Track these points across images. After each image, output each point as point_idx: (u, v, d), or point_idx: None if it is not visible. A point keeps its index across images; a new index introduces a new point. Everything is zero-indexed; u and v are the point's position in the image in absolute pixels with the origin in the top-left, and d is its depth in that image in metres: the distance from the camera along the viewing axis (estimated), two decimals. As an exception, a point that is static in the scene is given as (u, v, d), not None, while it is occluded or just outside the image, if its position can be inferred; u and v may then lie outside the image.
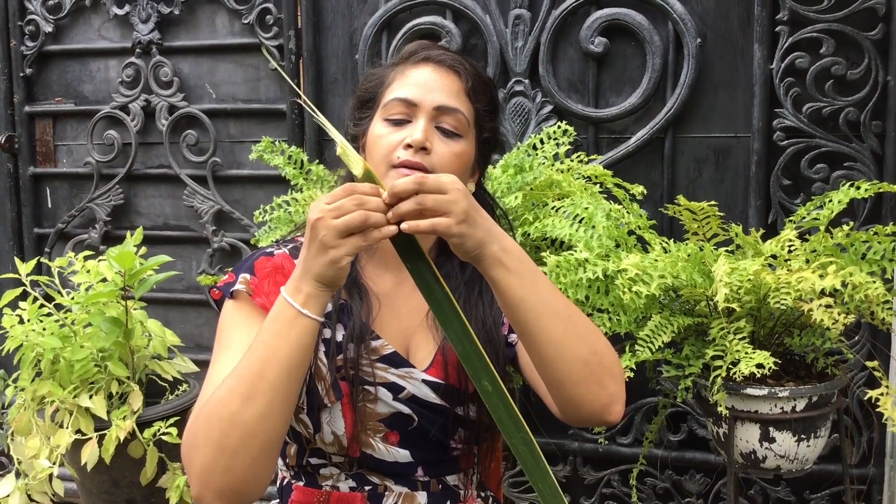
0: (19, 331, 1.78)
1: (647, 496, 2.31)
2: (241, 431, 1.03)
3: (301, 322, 1.04)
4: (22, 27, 2.70)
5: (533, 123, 2.28)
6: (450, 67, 1.24)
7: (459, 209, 1.01)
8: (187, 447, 1.07)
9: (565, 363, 1.11)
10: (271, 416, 1.04)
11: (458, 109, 1.22)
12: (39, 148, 2.79)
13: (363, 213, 0.98)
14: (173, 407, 1.85)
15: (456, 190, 1.01)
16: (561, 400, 1.16)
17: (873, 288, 1.52)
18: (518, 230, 1.88)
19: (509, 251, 1.07)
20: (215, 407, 1.05)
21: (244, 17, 2.50)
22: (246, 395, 1.03)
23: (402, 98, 1.21)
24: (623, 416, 2.25)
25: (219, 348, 1.19)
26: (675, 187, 2.22)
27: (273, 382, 1.04)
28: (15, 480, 1.80)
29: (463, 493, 1.30)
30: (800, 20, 2.06)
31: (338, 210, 0.99)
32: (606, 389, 1.14)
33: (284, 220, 2.08)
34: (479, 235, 1.04)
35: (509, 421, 1.00)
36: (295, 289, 1.04)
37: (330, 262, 1.00)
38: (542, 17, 2.24)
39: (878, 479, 2.13)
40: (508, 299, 1.08)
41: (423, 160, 1.18)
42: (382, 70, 1.29)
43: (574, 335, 1.11)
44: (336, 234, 0.99)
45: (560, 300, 1.12)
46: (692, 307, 1.79)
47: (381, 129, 1.22)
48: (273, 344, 1.04)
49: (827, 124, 2.08)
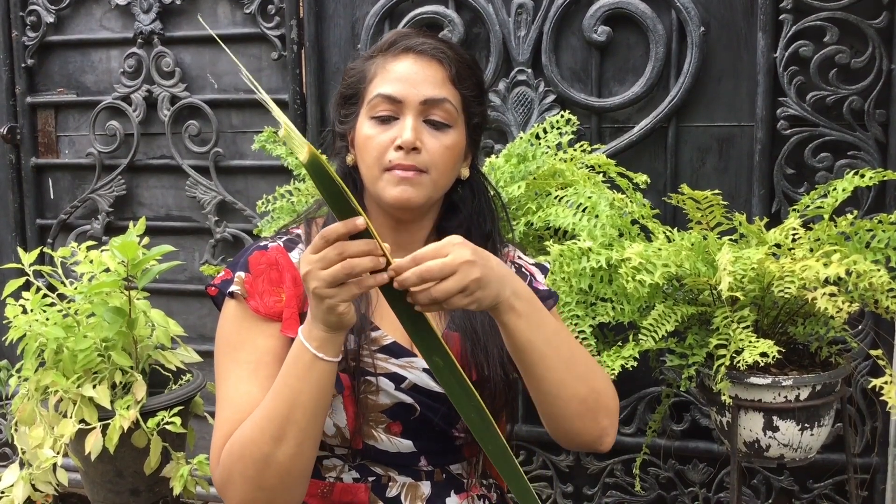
0: (23, 321, 1.78)
1: (650, 485, 2.31)
2: (277, 469, 1.09)
3: (318, 366, 1.06)
4: (23, 18, 2.69)
5: (536, 113, 2.27)
6: (432, 57, 1.21)
7: (470, 282, 1.02)
8: (223, 481, 1.12)
9: (563, 401, 1.16)
10: (302, 453, 1.10)
11: (446, 99, 1.20)
12: (41, 139, 2.79)
13: (347, 263, 0.98)
14: (177, 396, 1.85)
15: (463, 263, 1.01)
16: (555, 430, 1.22)
17: (877, 276, 1.52)
18: (521, 219, 1.87)
19: (520, 293, 1.09)
20: (248, 448, 1.09)
21: (246, 6, 2.49)
22: (276, 437, 1.08)
23: (387, 95, 1.19)
24: (626, 406, 2.28)
25: (226, 362, 1.20)
26: (678, 176, 2.21)
27: (301, 424, 1.08)
28: (19, 470, 1.80)
29: (466, 482, 1.30)
30: (804, 8, 2.05)
31: (322, 261, 0.99)
32: (599, 424, 1.19)
33: (287, 211, 2.08)
34: (493, 292, 1.06)
35: (461, 392, 1.04)
36: (309, 332, 1.06)
37: (328, 310, 1.01)
38: (545, 5, 2.23)
39: (882, 469, 2.13)
40: (516, 341, 1.11)
41: (414, 161, 1.18)
42: (362, 64, 1.26)
43: (574, 375, 1.15)
44: (326, 284, 0.99)
45: (563, 340, 1.15)
46: (696, 296, 1.78)
47: (368, 129, 1.20)
48: (296, 388, 1.07)
49: (831, 113, 2.07)
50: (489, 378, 1.23)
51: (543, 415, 1.20)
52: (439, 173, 1.21)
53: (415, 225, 1.27)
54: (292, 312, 1.20)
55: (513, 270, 1.33)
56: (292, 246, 1.27)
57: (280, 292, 1.21)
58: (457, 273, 1.01)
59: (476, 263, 1.03)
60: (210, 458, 1.17)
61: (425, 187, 1.20)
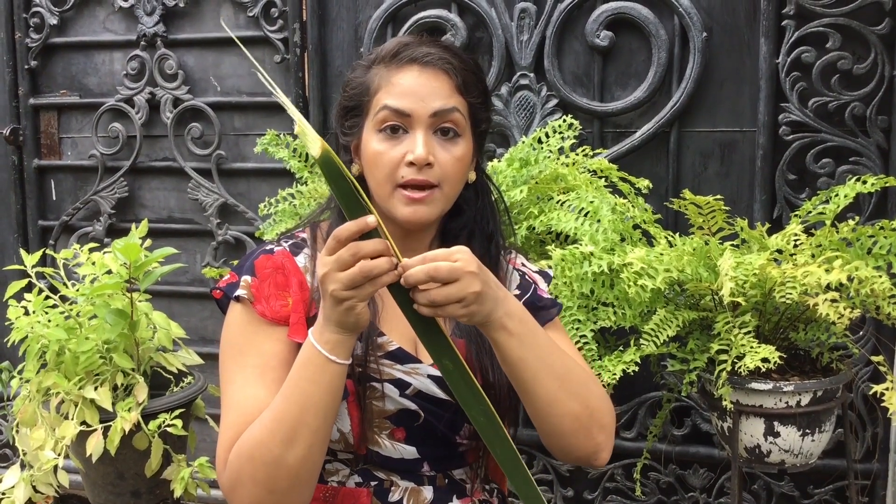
0: (24, 322, 1.78)
1: (651, 490, 2.31)
2: (287, 472, 1.09)
3: (331, 368, 1.07)
4: (27, 19, 2.69)
5: (538, 117, 2.27)
6: (438, 68, 1.20)
7: (470, 293, 1.02)
8: (232, 484, 1.12)
9: (557, 418, 1.16)
10: (312, 456, 1.11)
11: (455, 108, 1.20)
12: (44, 140, 2.79)
13: (365, 265, 0.99)
14: (178, 399, 1.85)
15: (468, 273, 1.02)
16: (550, 445, 1.22)
17: (879, 282, 1.52)
18: (523, 224, 1.88)
19: (512, 314, 1.10)
20: (258, 450, 1.09)
21: (249, 9, 2.50)
22: (287, 439, 1.08)
23: (395, 108, 1.18)
24: (627, 410, 2.28)
25: (232, 366, 1.20)
26: (680, 181, 2.22)
27: (312, 427, 1.09)
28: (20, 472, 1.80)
29: (469, 487, 1.30)
30: (806, 14, 2.05)
31: (338, 263, 1.00)
32: (594, 440, 1.20)
33: (289, 213, 2.08)
34: (486, 310, 1.06)
35: (470, 395, 1.05)
36: (321, 335, 1.06)
37: (346, 311, 1.02)
38: (548, 10, 2.23)
39: (882, 475, 2.13)
40: (508, 359, 1.11)
41: (427, 176, 1.18)
42: (363, 74, 1.24)
43: (567, 392, 1.15)
44: (344, 287, 1.00)
45: (557, 357, 1.15)
46: (697, 301, 1.79)
47: (377, 145, 1.20)
48: (307, 390, 1.07)
49: (833, 119, 2.07)
50: (493, 384, 1.23)
51: (539, 431, 1.20)
52: (451, 186, 1.21)
53: (422, 231, 1.27)
54: (299, 317, 1.20)
55: (517, 279, 1.33)
56: (297, 250, 1.27)
57: (286, 296, 1.21)
58: (460, 281, 1.01)
59: (478, 277, 1.03)
60: (216, 462, 1.17)
61: (437, 203, 1.20)
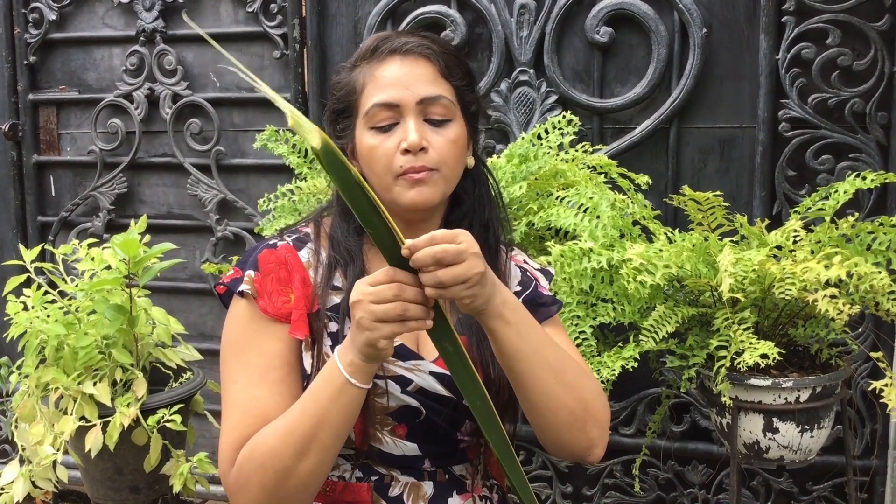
0: (24, 317, 1.78)
1: (650, 486, 2.31)
2: (296, 482, 1.10)
3: (349, 390, 1.08)
4: (26, 15, 2.69)
5: (538, 113, 2.27)
6: (419, 55, 1.20)
7: (475, 274, 1.02)
8: (239, 486, 1.13)
9: (552, 411, 1.16)
10: (321, 469, 1.12)
11: (441, 95, 1.20)
12: (43, 136, 2.79)
13: (401, 304, 1.00)
14: (177, 394, 1.85)
15: (473, 254, 1.02)
16: (544, 440, 1.22)
17: (878, 278, 1.52)
18: (522, 220, 1.88)
19: (508, 303, 1.10)
20: (269, 459, 1.10)
21: (248, 5, 2.50)
22: (300, 452, 1.09)
23: (383, 102, 1.18)
24: (626, 407, 2.28)
25: (234, 364, 1.20)
26: (679, 178, 2.21)
27: (325, 443, 1.10)
28: (19, 467, 1.80)
29: (469, 483, 1.30)
30: (806, 10, 2.05)
31: (376, 296, 1.00)
32: (588, 435, 1.20)
33: (288, 209, 2.08)
34: (487, 293, 1.06)
35: (467, 379, 1.06)
36: (344, 356, 1.07)
37: (367, 343, 1.03)
38: (548, 6, 2.23)
39: (881, 471, 2.13)
40: (504, 349, 1.11)
41: (424, 161, 1.18)
42: (348, 75, 1.24)
43: (562, 385, 1.16)
44: (373, 318, 1.01)
45: (552, 350, 1.16)
46: (696, 297, 1.79)
47: (370, 140, 1.20)
48: (324, 407, 1.08)
49: (832, 115, 2.07)
50: (494, 379, 1.23)
51: (533, 424, 1.21)
52: (449, 168, 1.21)
53: (425, 223, 1.27)
54: (301, 314, 1.20)
55: (518, 275, 1.33)
56: (301, 245, 1.27)
57: (289, 292, 1.21)
58: (466, 261, 1.01)
59: (481, 258, 1.04)
60: (220, 462, 1.17)
61: (439, 185, 1.20)
